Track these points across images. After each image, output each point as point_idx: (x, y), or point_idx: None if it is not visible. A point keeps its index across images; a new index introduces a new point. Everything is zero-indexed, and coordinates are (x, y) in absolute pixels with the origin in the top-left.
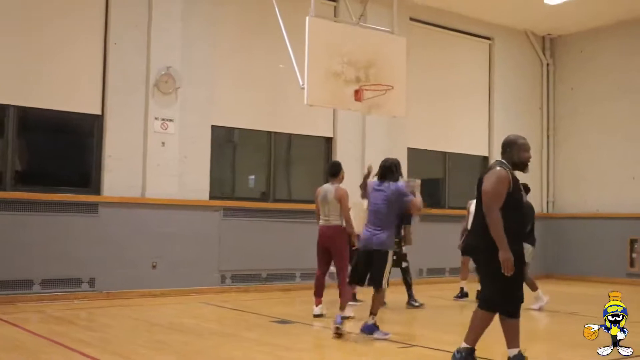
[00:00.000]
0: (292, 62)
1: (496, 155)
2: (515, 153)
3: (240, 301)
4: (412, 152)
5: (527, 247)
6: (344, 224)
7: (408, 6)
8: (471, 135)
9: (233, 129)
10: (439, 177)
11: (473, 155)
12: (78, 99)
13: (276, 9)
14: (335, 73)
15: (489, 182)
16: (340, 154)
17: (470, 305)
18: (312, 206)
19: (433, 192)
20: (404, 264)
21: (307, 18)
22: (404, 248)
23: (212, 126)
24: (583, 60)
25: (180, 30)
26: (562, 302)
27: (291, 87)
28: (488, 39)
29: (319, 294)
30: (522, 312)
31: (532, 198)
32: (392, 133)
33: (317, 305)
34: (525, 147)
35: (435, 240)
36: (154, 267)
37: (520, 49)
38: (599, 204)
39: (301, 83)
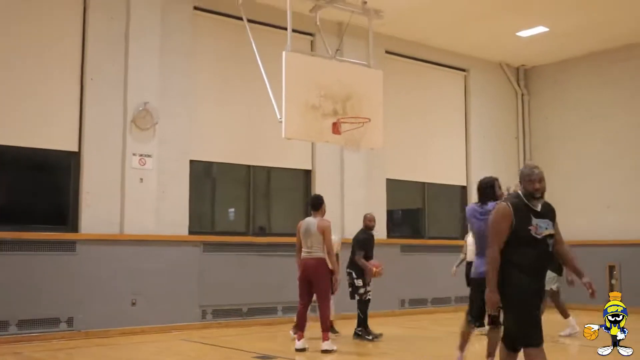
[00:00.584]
0: (269, 96)
1: (473, 185)
2: (523, 185)
3: (222, 337)
4: (391, 183)
5: (551, 276)
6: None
7: (384, 39)
8: (449, 166)
9: (212, 163)
10: (418, 207)
11: (451, 185)
12: (55, 136)
13: (253, 44)
14: (313, 106)
15: (490, 218)
16: (320, 186)
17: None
18: (293, 239)
19: (412, 223)
20: (356, 297)
21: (283, 53)
22: (357, 281)
23: (191, 161)
24: (556, 90)
25: (158, 65)
26: (545, 331)
27: (269, 121)
28: (463, 70)
29: (301, 327)
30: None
31: None
32: (370, 164)
33: (299, 340)
34: (529, 178)
35: (416, 270)
36: (133, 304)
37: (495, 80)
38: (577, 232)
39: (279, 116)
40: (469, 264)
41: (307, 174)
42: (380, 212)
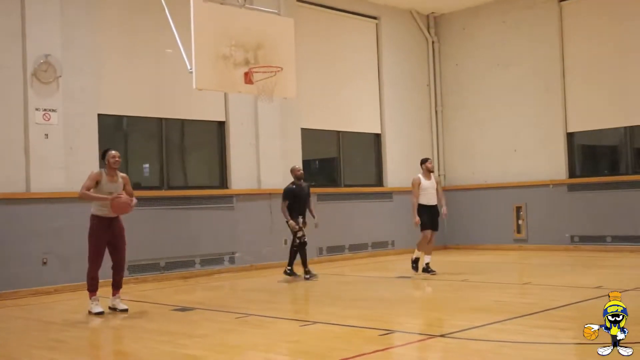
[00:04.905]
0: (178, 46)
1: (388, 133)
2: None
3: (139, 291)
4: (306, 133)
5: None
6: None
7: None
8: (363, 114)
9: (121, 116)
10: (333, 157)
11: (366, 133)
12: None
13: None
14: (224, 56)
15: None
16: (234, 138)
17: (375, 281)
18: (209, 192)
19: (328, 172)
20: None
21: (191, 0)
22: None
23: (99, 115)
24: (465, 37)
25: (59, 15)
26: (455, 270)
27: (179, 72)
28: (375, 18)
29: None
30: (415, 282)
31: None
32: (285, 114)
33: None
34: None
35: (333, 218)
36: (44, 263)
37: (406, 28)
38: (486, 175)
39: (189, 67)
40: (433, 207)
41: (221, 126)
42: (295, 162)
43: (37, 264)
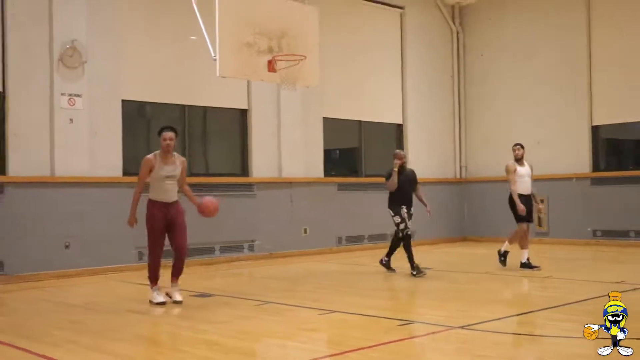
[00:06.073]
0: (203, 33)
1: (410, 124)
2: None
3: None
4: (328, 122)
5: None
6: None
7: None
8: (385, 104)
9: (145, 103)
10: (354, 146)
11: (388, 123)
12: None
13: None
14: (248, 44)
15: None
16: (256, 126)
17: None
18: (230, 179)
19: (349, 161)
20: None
21: None
22: (395, 217)
23: (123, 100)
24: (491, 28)
25: (85, 0)
26: (475, 262)
27: (203, 59)
28: (399, 7)
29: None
30: (435, 273)
31: (445, 163)
32: (307, 103)
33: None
34: None
35: (353, 208)
36: (67, 247)
37: (431, 18)
38: None
39: (213, 54)
40: (528, 197)
41: (244, 114)
42: (317, 151)
43: (60, 247)
